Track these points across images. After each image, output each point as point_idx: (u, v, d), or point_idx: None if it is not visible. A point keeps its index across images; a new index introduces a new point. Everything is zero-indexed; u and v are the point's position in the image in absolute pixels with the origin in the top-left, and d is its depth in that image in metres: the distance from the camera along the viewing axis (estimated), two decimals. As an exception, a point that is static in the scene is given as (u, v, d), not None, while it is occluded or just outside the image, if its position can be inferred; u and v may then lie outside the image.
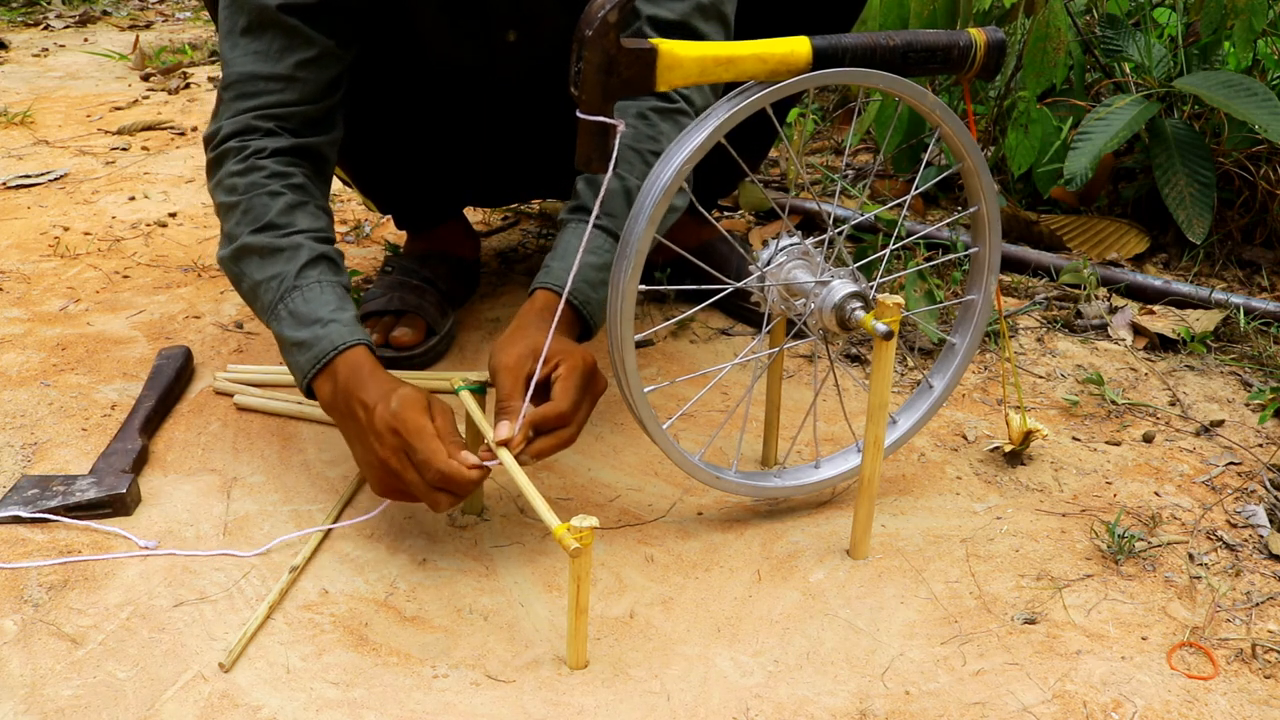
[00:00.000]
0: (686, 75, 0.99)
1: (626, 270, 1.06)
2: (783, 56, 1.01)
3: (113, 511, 1.24)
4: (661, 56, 0.97)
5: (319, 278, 1.23)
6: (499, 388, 1.13)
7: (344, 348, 1.18)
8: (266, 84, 1.28)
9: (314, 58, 1.29)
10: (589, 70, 0.95)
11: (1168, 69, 2.09)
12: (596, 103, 0.97)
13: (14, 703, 0.99)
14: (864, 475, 1.16)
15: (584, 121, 0.97)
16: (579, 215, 1.26)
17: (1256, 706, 1.00)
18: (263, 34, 1.28)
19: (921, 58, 1.07)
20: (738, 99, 1.03)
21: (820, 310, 1.13)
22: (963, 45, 1.08)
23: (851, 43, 1.04)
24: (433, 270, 1.72)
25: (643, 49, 0.96)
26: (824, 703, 1.00)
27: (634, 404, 1.12)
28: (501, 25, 1.42)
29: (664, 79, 0.98)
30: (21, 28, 4.60)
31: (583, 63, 0.95)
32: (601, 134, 0.98)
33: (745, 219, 2.19)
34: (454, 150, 1.67)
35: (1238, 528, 1.26)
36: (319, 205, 1.31)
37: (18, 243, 2.08)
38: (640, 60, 0.96)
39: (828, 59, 1.03)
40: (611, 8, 0.93)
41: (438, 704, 1.00)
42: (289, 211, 1.26)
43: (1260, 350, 1.64)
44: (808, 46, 1.02)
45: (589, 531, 0.97)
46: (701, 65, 0.99)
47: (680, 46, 0.98)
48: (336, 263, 1.28)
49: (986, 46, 1.08)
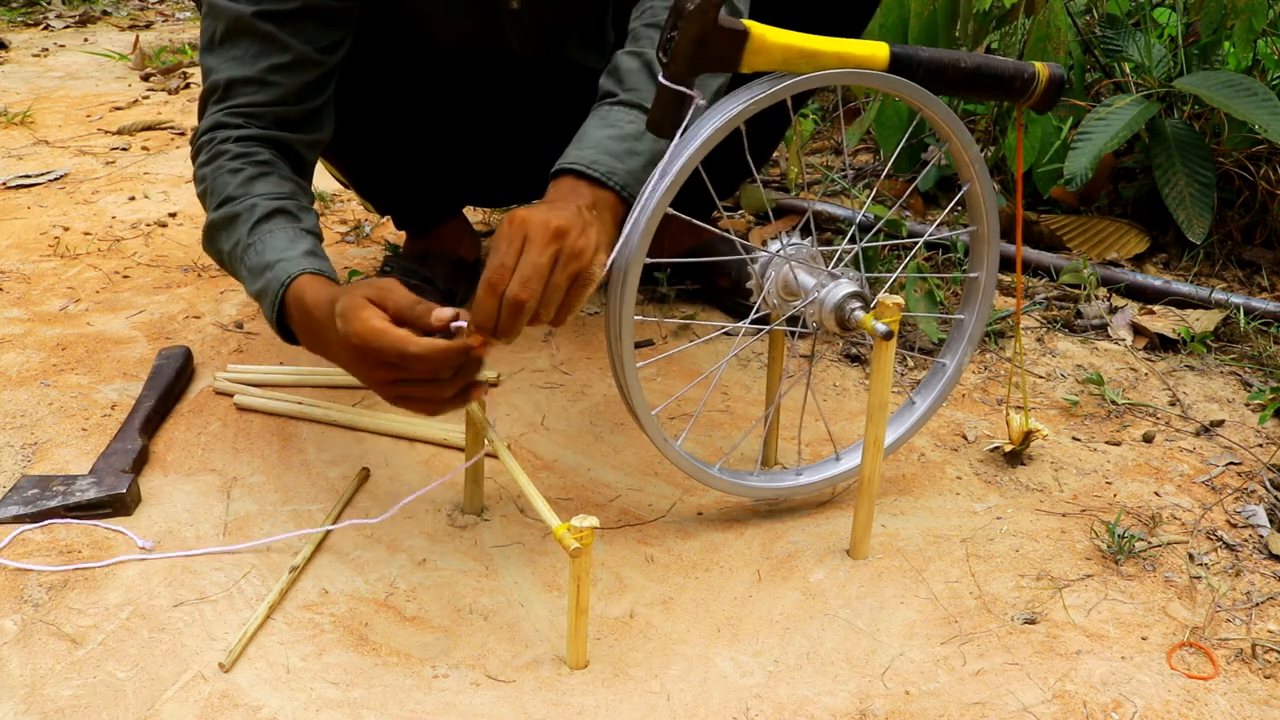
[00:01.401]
0: (770, 60, 1.02)
1: (625, 274, 1.06)
2: (863, 59, 1.05)
3: (113, 511, 1.24)
4: (752, 40, 1.00)
5: (272, 228, 1.21)
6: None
7: (288, 282, 1.15)
8: (241, 87, 1.28)
9: (289, 63, 1.29)
10: (682, 41, 0.98)
11: (1168, 69, 2.09)
12: (682, 73, 0.99)
13: (14, 703, 0.99)
14: (864, 475, 1.16)
15: (664, 88, 1.00)
16: (602, 102, 1.20)
17: (1256, 706, 1.00)
18: (239, 41, 1.28)
19: (988, 83, 1.11)
20: (758, 88, 1.04)
21: (820, 310, 1.13)
22: (1027, 76, 1.11)
23: (925, 57, 1.08)
24: (432, 270, 1.72)
25: (736, 29, 0.99)
26: (824, 703, 1.00)
27: (634, 406, 1.12)
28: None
29: (749, 61, 1.01)
30: (21, 28, 4.60)
31: (678, 33, 0.98)
32: (678, 103, 1.01)
33: (745, 219, 2.19)
34: (454, 147, 1.67)
35: (1238, 528, 1.26)
36: (284, 175, 1.28)
37: (18, 243, 2.08)
38: (732, 40, 0.99)
39: (902, 67, 1.07)
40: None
41: (438, 704, 1.00)
42: (247, 183, 1.24)
43: (1260, 350, 1.64)
44: (886, 52, 1.05)
45: (589, 531, 0.97)
46: (786, 54, 1.02)
47: (771, 33, 1.01)
48: (294, 213, 1.24)
49: (1048, 80, 1.12)
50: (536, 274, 1.01)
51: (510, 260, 1.01)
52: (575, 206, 1.06)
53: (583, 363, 1.61)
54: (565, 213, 1.04)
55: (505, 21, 1.44)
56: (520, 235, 1.02)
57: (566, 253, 1.02)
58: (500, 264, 1.01)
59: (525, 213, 1.03)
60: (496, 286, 1.01)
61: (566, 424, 1.46)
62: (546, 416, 1.47)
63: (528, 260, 1.01)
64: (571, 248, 1.03)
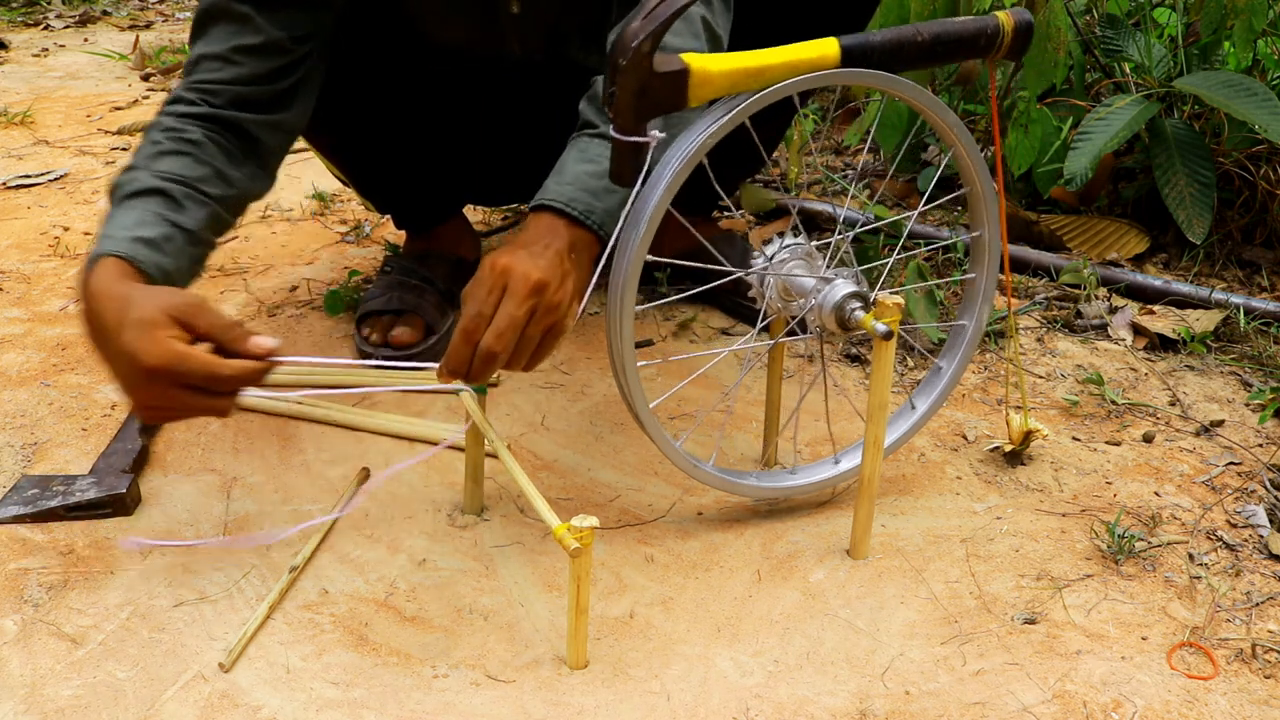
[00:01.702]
0: (717, 89, 1.01)
1: (624, 280, 1.06)
2: (812, 61, 1.03)
3: (113, 511, 1.24)
4: (693, 76, 0.98)
5: (134, 205, 1.14)
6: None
7: (102, 255, 1.07)
8: (206, 63, 1.27)
9: (257, 45, 1.27)
10: (623, 95, 0.97)
11: (1168, 69, 2.09)
12: (630, 125, 0.99)
13: (14, 703, 0.99)
14: (864, 475, 1.16)
15: (619, 141, 0.99)
16: (581, 133, 1.20)
17: (1256, 706, 1.00)
18: (216, 23, 1.28)
19: (951, 48, 1.08)
20: (738, 100, 1.04)
21: (820, 310, 1.13)
22: (990, 31, 1.08)
23: (880, 40, 1.05)
24: (432, 270, 1.72)
25: (675, 71, 0.98)
26: (824, 703, 1.00)
27: (635, 409, 1.12)
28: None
29: (696, 95, 1.00)
30: (21, 28, 4.60)
31: (617, 88, 0.97)
32: (635, 152, 1.00)
33: (745, 219, 2.19)
34: (454, 146, 1.67)
35: (1238, 528, 1.26)
36: (204, 159, 1.21)
37: (18, 243, 2.08)
38: (673, 82, 0.98)
39: (857, 59, 1.04)
40: (645, 37, 0.95)
41: (438, 704, 1.00)
42: (154, 157, 1.19)
43: (1260, 350, 1.64)
44: (836, 49, 1.03)
45: (589, 531, 0.97)
46: (732, 79, 1.00)
47: (711, 61, 0.99)
48: (175, 199, 1.16)
49: (1014, 29, 1.09)
50: (512, 327, 1.03)
51: (488, 310, 1.04)
52: (555, 252, 1.08)
53: (583, 363, 1.61)
54: (545, 262, 1.06)
55: (505, 24, 1.44)
56: (500, 285, 1.04)
57: (544, 307, 1.05)
58: (477, 313, 1.04)
59: (507, 261, 1.05)
60: (472, 336, 1.03)
61: (566, 424, 1.46)
62: (546, 416, 1.47)
63: (504, 312, 1.03)
64: (549, 302, 1.05)
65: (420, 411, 1.47)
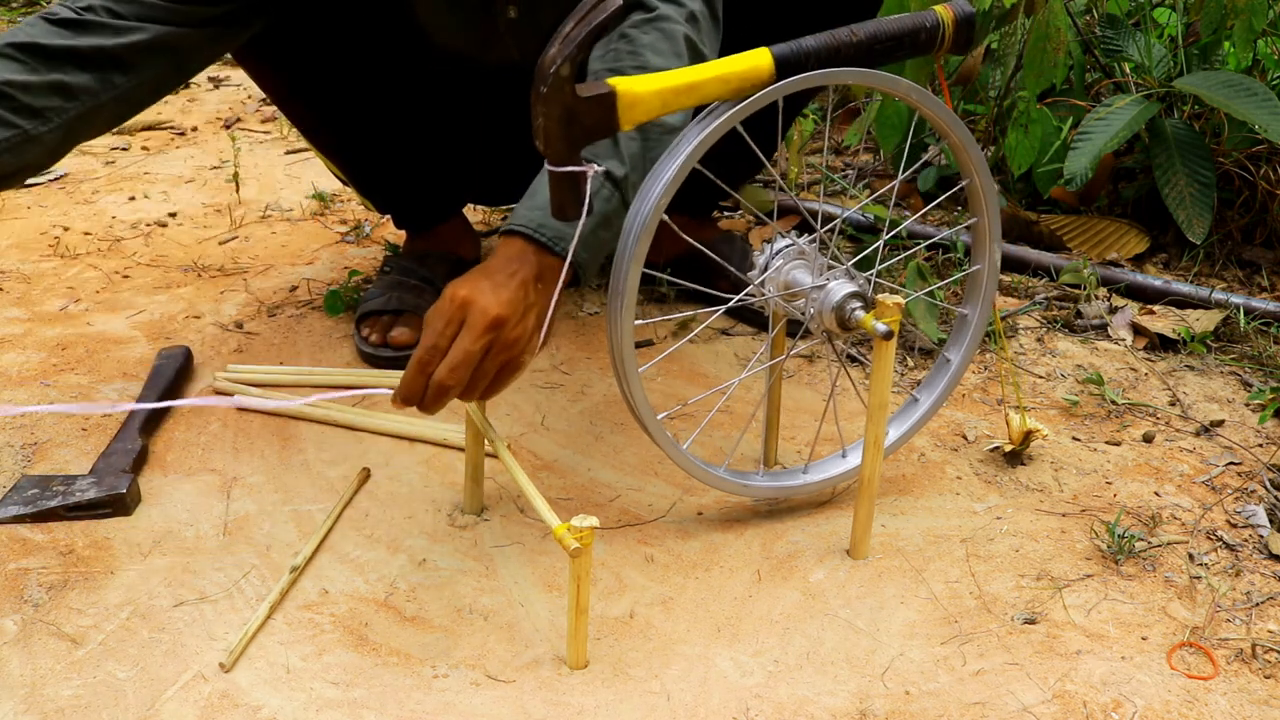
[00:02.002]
0: (649, 110, 0.98)
1: (620, 308, 1.06)
2: (744, 73, 1.01)
3: (113, 511, 1.24)
4: (620, 97, 0.96)
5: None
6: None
7: None
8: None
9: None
10: (550, 125, 0.94)
11: (1168, 69, 2.09)
12: (563, 154, 0.96)
13: (14, 703, 0.99)
14: (864, 475, 1.16)
15: (554, 174, 0.96)
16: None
17: (1256, 706, 1.00)
18: None
19: (889, 47, 1.05)
20: (706, 121, 1.03)
21: (820, 311, 1.13)
22: (930, 26, 1.06)
23: (814, 45, 1.03)
24: (432, 270, 1.72)
25: (601, 94, 0.95)
26: (824, 703, 1.00)
27: (639, 412, 1.12)
28: (502, 1, 1.40)
29: (626, 117, 0.97)
30: (21, 28, 4.60)
31: (543, 118, 0.94)
32: (573, 183, 0.97)
33: (745, 219, 2.19)
34: (454, 145, 1.67)
35: (1238, 528, 1.26)
36: (40, 55, 1.15)
37: (18, 243, 2.08)
38: (600, 105, 0.95)
39: (791, 67, 1.02)
40: (563, 61, 0.92)
41: (438, 704, 1.00)
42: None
43: (1260, 350, 1.64)
44: (769, 59, 1.01)
45: (589, 531, 0.97)
46: (662, 98, 0.98)
47: (638, 83, 0.97)
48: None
49: (955, 21, 1.06)
50: (465, 362, 1.02)
51: (443, 343, 1.03)
52: (519, 283, 1.06)
53: (583, 363, 1.61)
54: (507, 295, 1.04)
55: (504, 30, 1.44)
56: (459, 318, 1.03)
57: (500, 343, 1.04)
58: (433, 345, 1.03)
59: (467, 292, 1.04)
60: (425, 367, 1.03)
61: (566, 424, 1.46)
62: (546, 416, 1.47)
63: (459, 347, 1.02)
64: (505, 339, 1.04)
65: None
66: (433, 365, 1.03)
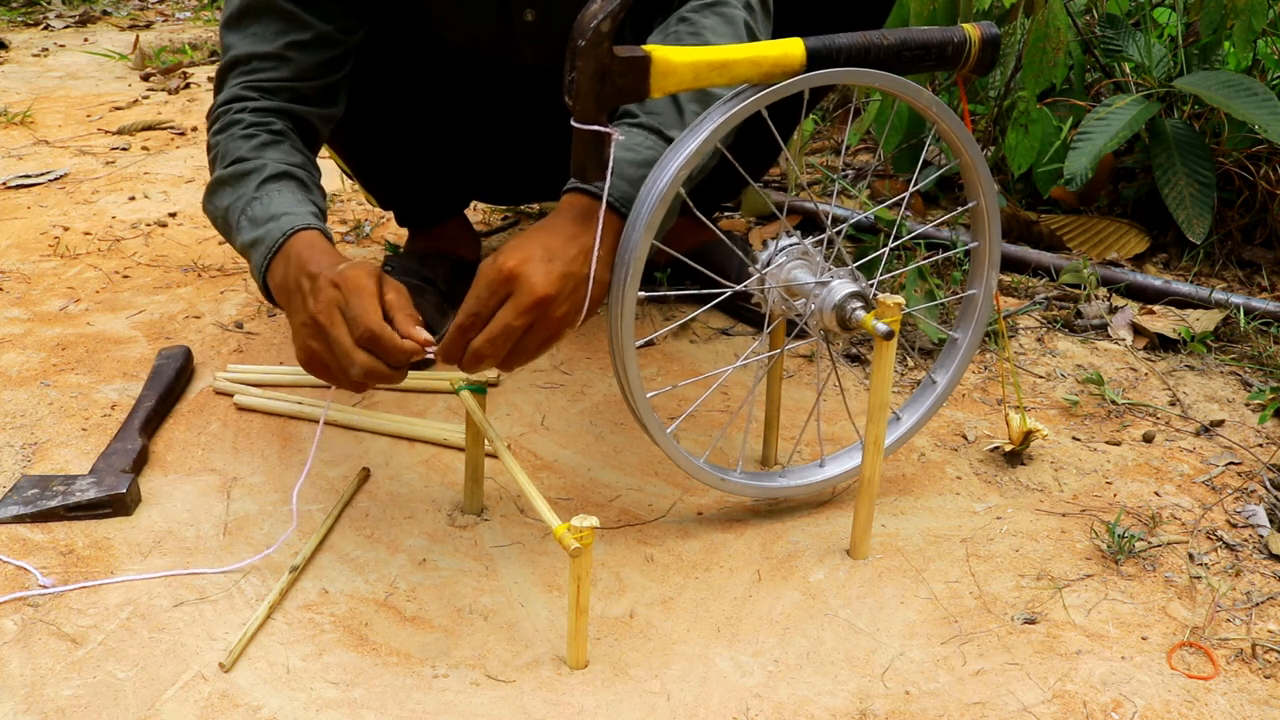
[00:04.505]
0: (680, 81, 0.99)
1: (626, 277, 1.06)
2: (776, 59, 1.01)
3: (113, 511, 1.24)
4: (655, 64, 0.96)
5: (280, 187, 1.20)
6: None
7: (298, 229, 1.14)
8: (260, 62, 1.30)
9: (308, 40, 1.30)
10: (582, 80, 0.94)
11: (1168, 69, 2.09)
12: (591, 112, 0.96)
13: (14, 703, 0.99)
14: (864, 475, 1.16)
15: (579, 131, 0.97)
16: (620, 121, 1.17)
17: (1256, 706, 1.00)
18: (260, 18, 1.30)
19: (916, 55, 1.06)
20: (732, 103, 1.03)
21: (820, 310, 1.13)
22: (957, 41, 1.08)
23: (846, 43, 1.04)
24: (432, 270, 1.72)
25: (636, 57, 0.95)
26: (824, 703, 1.00)
27: (638, 411, 1.12)
28: (520, 4, 1.41)
29: (658, 85, 0.98)
30: (21, 28, 4.60)
31: (576, 72, 0.94)
32: (597, 143, 0.98)
33: (746, 220, 2.19)
34: (461, 145, 1.67)
35: (1238, 528, 1.26)
36: (296, 147, 1.28)
37: (18, 243, 2.08)
38: (634, 68, 0.96)
39: (822, 60, 1.03)
40: (605, 17, 0.92)
41: (438, 704, 1.00)
42: (260, 148, 1.25)
43: (1260, 350, 1.64)
44: (801, 49, 1.02)
45: (589, 531, 0.97)
46: (695, 70, 0.99)
47: (674, 53, 0.98)
48: (304, 182, 1.24)
49: (981, 42, 1.08)
50: (505, 335, 1.02)
51: (486, 311, 1.03)
52: (575, 254, 1.04)
53: (583, 363, 1.61)
54: (559, 269, 1.03)
55: (519, 32, 1.44)
56: (504, 291, 1.03)
57: (543, 322, 1.03)
58: (475, 312, 1.03)
59: (516, 264, 1.02)
60: (467, 332, 1.04)
61: (566, 424, 1.46)
62: (546, 416, 1.47)
63: (501, 319, 1.02)
64: (550, 317, 1.03)
65: (420, 411, 1.48)
66: (473, 331, 1.03)
